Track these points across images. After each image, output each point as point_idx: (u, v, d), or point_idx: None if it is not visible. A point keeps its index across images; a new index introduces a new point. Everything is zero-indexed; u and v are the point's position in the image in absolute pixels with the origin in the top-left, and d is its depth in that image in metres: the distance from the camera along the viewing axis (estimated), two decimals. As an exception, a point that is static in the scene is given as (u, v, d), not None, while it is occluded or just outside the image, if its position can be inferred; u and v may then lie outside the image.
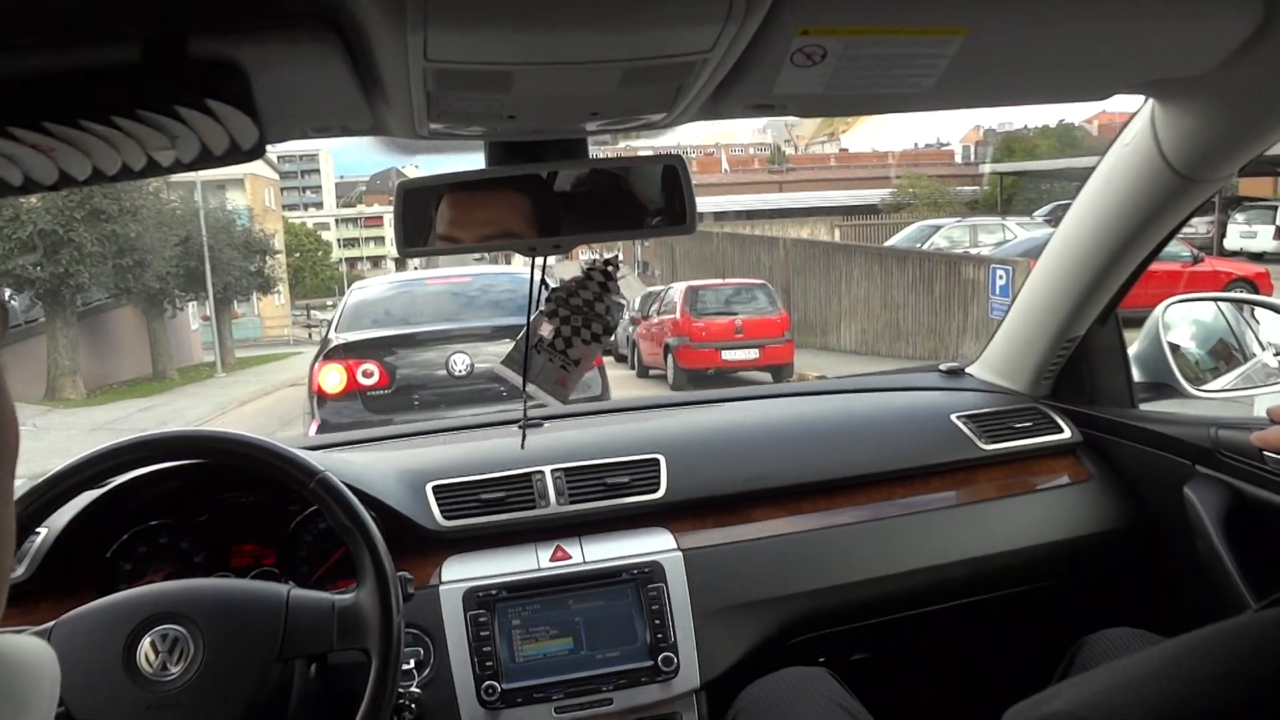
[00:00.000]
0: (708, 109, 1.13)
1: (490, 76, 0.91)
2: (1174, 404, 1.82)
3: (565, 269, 1.35)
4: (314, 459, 1.23)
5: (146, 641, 1.08)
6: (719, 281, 15.10)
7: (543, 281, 1.33)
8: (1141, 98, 1.36)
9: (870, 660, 1.68)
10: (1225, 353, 2.13)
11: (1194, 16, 1.04)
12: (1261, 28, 1.03)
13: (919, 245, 18.24)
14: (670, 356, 13.20)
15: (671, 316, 13.46)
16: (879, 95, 1.11)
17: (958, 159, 48.77)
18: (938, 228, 19.98)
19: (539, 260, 1.30)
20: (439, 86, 0.93)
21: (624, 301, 1.34)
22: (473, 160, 1.24)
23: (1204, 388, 1.87)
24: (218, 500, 1.51)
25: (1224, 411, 1.74)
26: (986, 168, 33.51)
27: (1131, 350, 1.84)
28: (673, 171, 1.20)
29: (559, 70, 0.89)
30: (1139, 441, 1.70)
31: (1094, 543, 1.69)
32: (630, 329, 15.67)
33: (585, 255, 1.40)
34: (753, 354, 12.85)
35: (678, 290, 14.03)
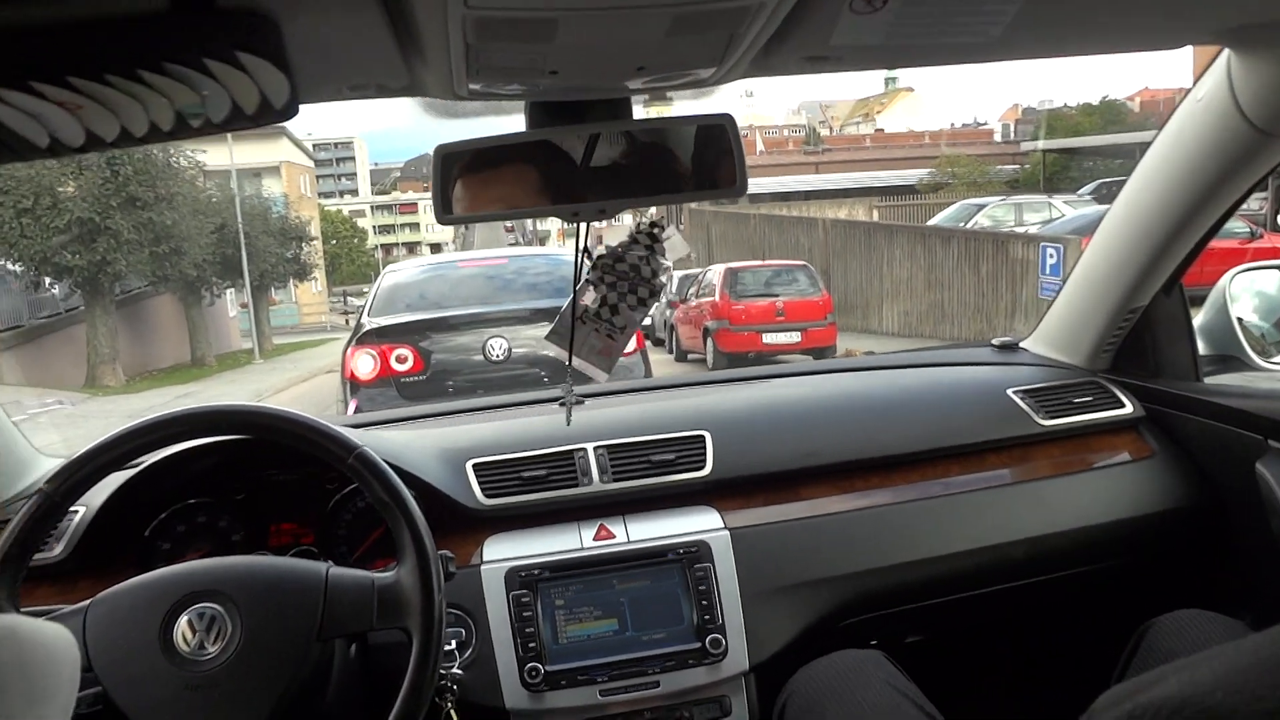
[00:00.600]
0: (759, 64, 1.07)
1: (533, 25, 0.86)
2: (1240, 377, 1.74)
3: (613, 235, 1.30)
4: (355, 435, 1.19)
5: (184, 620, 1.05)
6: (759, 263, 14.93)
7: (585, 249, 1.29)
8: (1190, 65, 1.29)
9: (925, 643, 1.62)
10: (1290, 323, 2.05)
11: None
12: None
13: (962, 225, 17.97)
14: (709, 340, 13.08)
15: (710, 299, 13.33)
16: (942, 45, 1.05)
17: (997, 138, 48.06)
18: (981, 207, 19.65)
19: (583, 227, 1.25)
20: (479, 38, 0.89)
21: (669, 264, 1.30)
22: (513, 127, 1.20)
23: (1274, 360, 1.79)
24: (256, 478, 1.49)
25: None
26: (1037, 144, 32.86)
27: (1195, 322, 1.76)
28: (721, 131, 1.14)
29: (605, 16, 0.84)
30: (1206, 416, 1.62)
31: (1157, 522, 1.62)
32: (668, 312, 15.57)
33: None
34: (794, 337, 12.69)
35: (716, 272, 13.89)
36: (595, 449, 1.53)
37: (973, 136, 48.12)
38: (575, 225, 1.26)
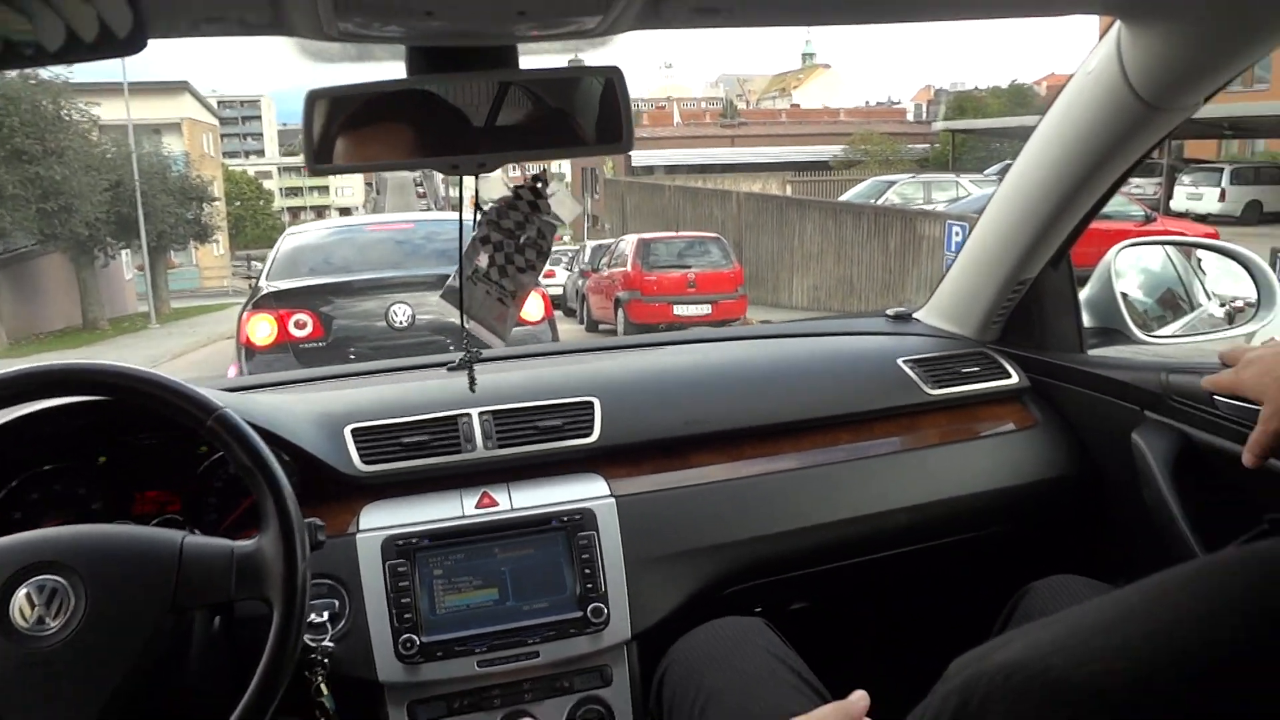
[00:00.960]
0: (648, 15, 1.03)
1: (400, -43, 0.80)
2: (1123, 350, 1.78)
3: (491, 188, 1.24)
4: (221, 398, 1.13)
5: (21, 593, 0.98)
6: (672, 234, 15.01)
7: (475, 205, 1.23)
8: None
9: (810, 609, 1.63)
10: (1173, 301, 2.11)
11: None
12: None
13: (873, 201, 18.29)
14: (621, 310, 13.09)
15: (622, 269, 13.34)
16: (837, 1, 1.03)
17: (909, 117, 49.00)
18: (891, 183, 20.05)
19: (468, 181, 1.20)
20: (344, -31, 0.83)
21: (557, 222, 1.25)
22: (395, 74, 1.14)
23: (1153, 334, 1.84)
24: (119, 443, 1.41)
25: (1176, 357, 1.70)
26: (939, 124, 33.64)
27: (1081, 296, 1.79)
28: (609, 85, 1.10)
29: None
30: (1087, 387, 1.66)
31: (1040, 490, 1.66)
32: (580, 282, 15.53)
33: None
34: (705, 309, 12.79)
35: (629, 243, 13.91)
36: (480, 414, 1.48)
37: (886, 115, 48.97)
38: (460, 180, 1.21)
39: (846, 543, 1.54)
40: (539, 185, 1.22)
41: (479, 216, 1.22)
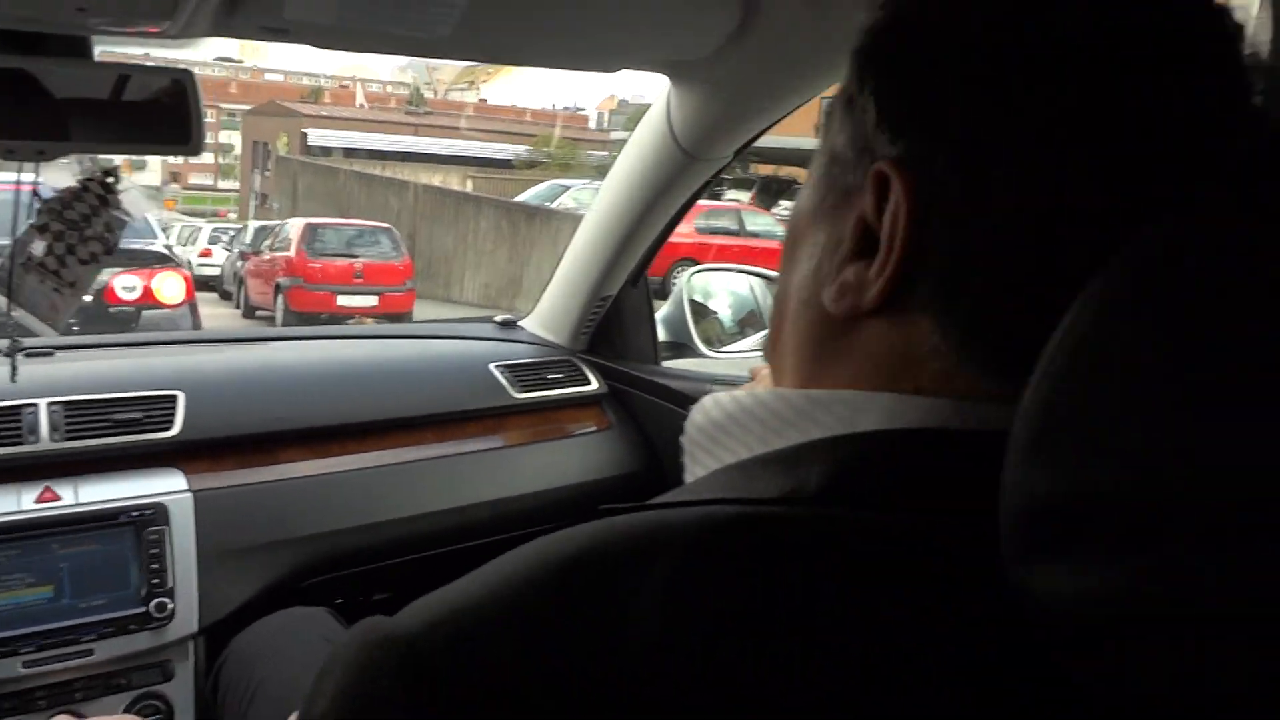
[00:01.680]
0: (220, 24, 1.08)
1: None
2: (695, 362, 2.04)
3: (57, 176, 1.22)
4: None
5: None
6: (341, 221, 14.51)
7: (34, 192, 1.21)
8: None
9: (391, 599, 1.72)
10: (750, 320, 2.44)
11: (689, 7, 1.16)
12: (743, 22, 1.17)
13: (549, 204, 18.67)
14: (281, 297, 12.46)
15: (285, 254, 12.71)
16: (393, 35, 1.13)
17: (592, 124, 50.55)
18: (568, 188, 20.52)
19: (27, 166, 1.17)
20: None
21: (128, 218, 1.25)
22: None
23: (719, 349, 2.13)
24: None
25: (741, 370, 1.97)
26: (617, 134, 35.00)
27: (660, 313, 2.03)
28: (181, 86, 1.13)
29: None
30: (653, 394, 1.89)
31: (614, 485, 1.85)
32: (239, 264, 14.62)
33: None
34: (371, 300, 12.48)
35: (295, 226, 13.30)
36: (49, 405, 1.42)
37: (569, 120, 50.08)
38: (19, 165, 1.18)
39: (430, 535, 1.64)
40: (109, 180, 1.22)
41: (36, 204, 1.20)
